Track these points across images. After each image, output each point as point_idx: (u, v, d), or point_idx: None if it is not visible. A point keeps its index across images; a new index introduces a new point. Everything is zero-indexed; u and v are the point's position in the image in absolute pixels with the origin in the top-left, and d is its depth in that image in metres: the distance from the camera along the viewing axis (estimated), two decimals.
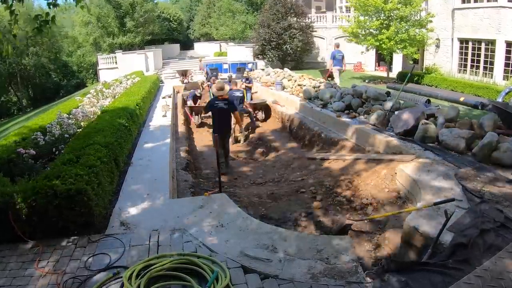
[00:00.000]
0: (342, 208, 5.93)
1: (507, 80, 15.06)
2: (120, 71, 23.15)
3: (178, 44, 38.19)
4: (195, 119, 13.03)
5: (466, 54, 16.82)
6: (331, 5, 28.54)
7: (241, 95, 11.88)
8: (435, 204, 4.39)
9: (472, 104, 11.87)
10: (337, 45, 15.15)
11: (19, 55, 32.33)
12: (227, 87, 8.40)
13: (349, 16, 23.23)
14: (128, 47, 30.19)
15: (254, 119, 12.97)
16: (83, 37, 33.30)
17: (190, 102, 14.04)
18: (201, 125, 13.13)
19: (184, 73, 19.85)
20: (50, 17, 4.26)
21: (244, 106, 12.27)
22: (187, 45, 41.62)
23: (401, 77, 17.17)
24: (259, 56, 24.95)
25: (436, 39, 17.61)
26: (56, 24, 4.34)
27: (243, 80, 15.17)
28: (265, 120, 13.52)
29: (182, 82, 19.12)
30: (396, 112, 8.15)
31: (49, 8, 4.33)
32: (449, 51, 17.48)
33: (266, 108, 13.71)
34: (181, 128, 10.99)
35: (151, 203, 4.80)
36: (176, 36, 40.28)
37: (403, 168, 5.83)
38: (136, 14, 29.93)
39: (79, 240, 3.90)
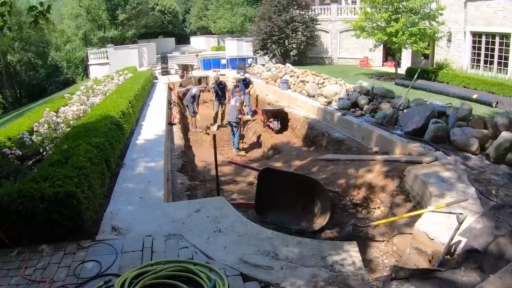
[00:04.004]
0: (348, 212, 5.93)
1: None
2: (112, 67, 23.07)
3: (173, 38, 38.17)
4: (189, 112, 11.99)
5: (479, 48, 16.78)
6: None
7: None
8: (447, 204, 4.40)
9: (486, 101, 11.89)
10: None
11: (4, 51, 32.30)
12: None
13: (355, 8, 23.24)
14: (120, 41, 30.14)
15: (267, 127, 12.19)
16: (72, 30, 33.26)
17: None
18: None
19: (185, 68, 19.80)
20: (45, 7, 4.27)
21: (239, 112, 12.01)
22: (182, 39, 41.59)
23: (410, 73, 17.17)
24: (259, 51, 24.93)
25: (448, 32, 17.60)
26: (51, 14, 4.36)
27: (240, 88, 12.90)
28: (280, 131, 11.71)
29: (182, 77, 19.06)
30: (405, 110, 8.16)
31: None
32: (461, 45, 17.46)
33: (282, 115, 11.88)
34: (176, 128, 10.98)
35: (144, 207, 4.80)
36: (171, 29, 40.25)
37: (412, 170, 5.83)
38: (129, 6, 29.87)
39: (68, 246, 3.89)
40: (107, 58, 25.31)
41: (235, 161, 6.63)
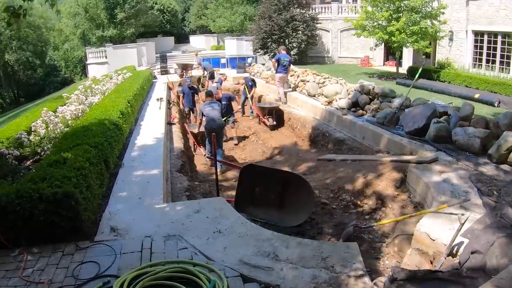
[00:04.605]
0: (349, 213, 5.93)
1: None
2: (111, 66, 23.10)
3: (173, 37, 38.20)
4: (205, 150, 9.61)
5: (481, 47, 16.79)
6: None
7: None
8: (449, 205, 4.40)
9: (488, 101, 11.89)
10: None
11: (2, 50, 32.34)
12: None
13: (355, 7, 23.24)
14: (119, 41, 30.16)
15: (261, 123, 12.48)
16: (70, 29, 33.28)
17: (193, 119, 12.10)
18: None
19: (184, 67, 19.77)
20: (22, 10, 4.27)
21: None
22: (182, 38, 41.63)
23: (412, 72, 17.17)
24: (259, 50, 24.95)
25: (449, 31, 17.60)
26: (28, 18, 4.37)
27: (249, 84, 13.46)
28: (276, 127, 12.10)
29: (181, 77, 19.07)
30: (406, 110, 8.16)
31: (24, 1, 4.34)
32: (463, 44, 17.47)
33: (278, 113, 12.35)
34: (176, 128, 10.98)
35: (143, 208, 4.80)
36: (170, 28, 40.30)
37: (414, 170, 5.84)
38: (127, 5, 29.88)
39: (67, 247, 3.89)
40: (106, 57, 25.33)
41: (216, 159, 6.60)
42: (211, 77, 17.00)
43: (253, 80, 14.01)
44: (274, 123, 12.19)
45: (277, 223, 5.38)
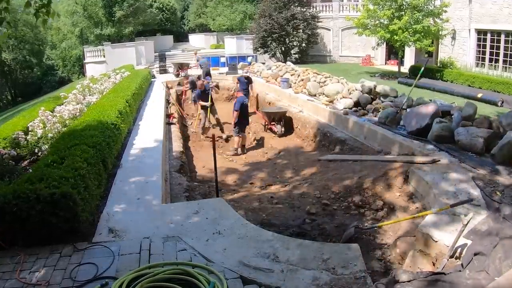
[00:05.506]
0: (350, 214, 5.93)
1: None
2: (109, 65, 23.11)
3: (172, 36, 38.20)
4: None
5: (484, 46, 16.78)
6: None
7: None
8: (452, 206, 4.39)
9: (491, 101, 11.89)
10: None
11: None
12: None
13: (357, 5, 23.23)
14: (117, 39, 30.16)
15: (268, 130, 11.76)
16: (68, 28, 33.29)
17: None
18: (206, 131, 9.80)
19: (180, 67, 19.76)
20: (44, 0, 4.32)
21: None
22: (181, 37, 41.66)
23: (414, 71, 17.16)
24: (259, 49, 24.95)
25: (452, 30, 17.59)
26: (25, 16, 4.46)
27: (244, 82, 12.68)
28: (284, 134, 11.36)
29: (177, 76, 19.05)
30: (408, 110, 8.16)
31: None
32: (465, 43, 17.45)
33: (285, 117, 11.62)
34: (175, 128, 10.99)
35: (142, 208, 4.80)
36: (169, 27, 40.29)
37: (416, 170, 5.84)
38: (126, 3, 29.86)
39: (64, 248, 3.89)
40: (104, 56, 25.32)
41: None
42: (206, 75, 16.62)
43: (247, 78, 12.96)
44: (283, 130, 11.33)
45: None
